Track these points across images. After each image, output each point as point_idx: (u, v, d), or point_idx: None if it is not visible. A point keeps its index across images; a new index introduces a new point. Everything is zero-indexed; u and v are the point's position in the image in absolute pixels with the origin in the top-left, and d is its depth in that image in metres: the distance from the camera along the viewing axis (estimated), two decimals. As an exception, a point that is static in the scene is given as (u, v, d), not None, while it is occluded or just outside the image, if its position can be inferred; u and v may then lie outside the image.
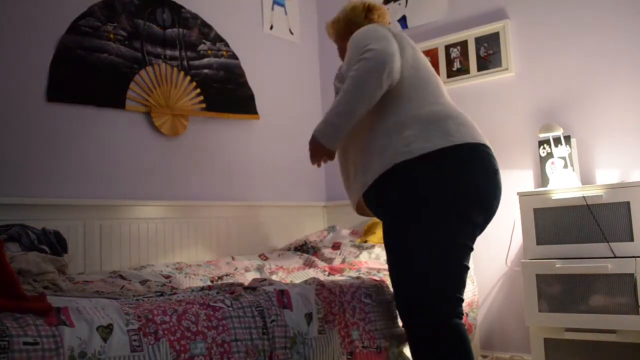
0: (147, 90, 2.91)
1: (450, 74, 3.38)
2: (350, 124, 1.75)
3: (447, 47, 3.39)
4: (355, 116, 1.73)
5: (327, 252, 3.10)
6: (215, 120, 3.21)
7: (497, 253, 3.15)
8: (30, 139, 2.51)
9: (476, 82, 3.29)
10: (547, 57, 3.07)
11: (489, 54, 3.24)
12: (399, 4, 3.61)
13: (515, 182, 3.13)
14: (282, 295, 1.71)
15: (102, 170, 2.73)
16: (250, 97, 3.36)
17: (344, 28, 2.10)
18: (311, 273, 2.60)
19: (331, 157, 1.85)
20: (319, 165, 1.92)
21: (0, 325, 1.17)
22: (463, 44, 3.33)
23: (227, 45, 3.30)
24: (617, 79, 2.87)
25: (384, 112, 1.78)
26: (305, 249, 3.19)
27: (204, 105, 3.14)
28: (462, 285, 1.78)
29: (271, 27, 3.63)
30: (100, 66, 2.74)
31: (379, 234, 3.14)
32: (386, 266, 2.26)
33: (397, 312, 1.87)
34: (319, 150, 1.80)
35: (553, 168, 2.86)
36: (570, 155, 2.84)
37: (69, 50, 2.64)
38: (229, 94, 3.27)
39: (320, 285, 1.91)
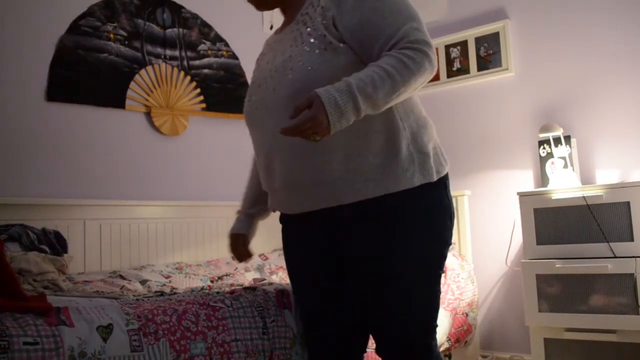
0: (147, 90, 2.91)
1: (450, 74, 3.38)
2: (379, 110, 1.28)
3: (447, 47, 3.39)
4: (390, 104, 1.29)
5: (327, 252, 3.09)
6: (215, 120, 3.21)
7: (497, 253, 3.15)
8: (30, 139, 2.51)
9: (476, 82, 3.29)
10: (547, 57, 3.07)
11: (489, 54, 3.24)
12: (399, 4, 3.61)
13: (515, 182, 3.13)
14: (282, 295, 1.71)
15: (102, 170, 2.73)
16: (250, 97, 3.36)
17: None
18: (311, 273, 2.60)
19: (322, 138, 1.22)
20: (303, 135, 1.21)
21: (0, 325, 1.17)
22: (463, 44, 3.33)
23: (227, 45, 3.30)
24: (617, 79, 2.87)
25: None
26: (305, 249, 3.19)
27: (204, 105, 3.14)
28: None
29: (271, 27, 3.63)
30: (100, 66, 2.74)
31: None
32: None
33: (389, 340, 1.48)
34: (321, 126, 1.18)
35: (553, 168, 2.86)
36: (570, 155, 2.84)
37: (69, 50, 2.64)
38: (229, 94, 3.27)
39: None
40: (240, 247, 1.77)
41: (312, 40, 1.35)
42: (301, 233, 1.56)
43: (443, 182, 1.46)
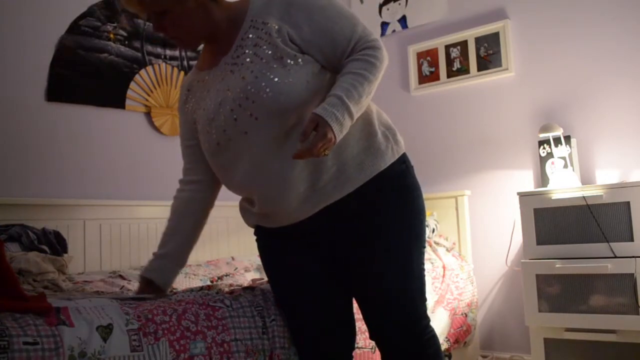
0: (147, 90, 2.92)
1: (450, 74, 3.37)
2: (364, 109, 1.43)
3: (447, 47, 3.39)
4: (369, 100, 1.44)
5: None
6: (215, 120, 3.21)
7: (497, 253, 3.15)
8: (30, 139, 2.51)
9: (476, 82, 3.29)
10: (547, 57, 3.07)
11: (489, 54, 3.24)
12: (399, 4, 3.61)
13: (515, 182, 3.13)
14: (282, 295, 1.71)
15: (102, 170, 2.73)
16: (250, 97, 3.36)
17: None
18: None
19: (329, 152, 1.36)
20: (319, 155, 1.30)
21: (0, 325, 1.17)
22: (463, 44, 3.33)
23: (227, 45, 3.30)
24: (617, 79, 2.87)
25: None
26: (305, 249, 3.19)
27: (204, 105, 3.14)
28: None
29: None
30: (100, 66, 2.74)
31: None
32: None
33: (395, 328, 1.52)
34: (331, 142, 1.30)
35: (553, 168, 2.86)
36: (570, 155, 2.85)
37: (69, 50, 2.64)
38: (229, 94, 3.27)
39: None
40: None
41: (276, 58, 1.41)
42: (291, 241, 1.58)
43: (403, 157, 1.56)
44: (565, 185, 2.70)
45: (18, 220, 2.26)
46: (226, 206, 3.18)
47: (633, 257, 2.40)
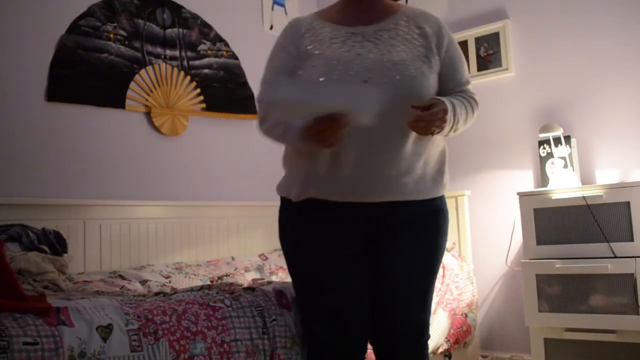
0: (147, 90, 2.92)
1: (450, 74, 3.37)
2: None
3: (447, 47, 3.38)
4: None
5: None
6: (215, 120, 3.21)
7: (497, 253, 3.15)
8: (30, 139, 2.51)
9: (476, 82, 3.28)
10: (547, 57, 3.07)
11: (489, 54, 3.24)
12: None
13: (515, 182, 3.13)
14: (281, 296, 1.71)
15: (102, 170, 2.73)
16: (250, 97, 3.36)
17: None
18: (311, 273, 2.59)
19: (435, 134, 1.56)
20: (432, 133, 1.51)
21: (0, 326, 1.17)
22: (463, 44, 3.32)
23: (227, 45, 3.30)
24: (617, 79, 2.87)
25: None
26: (305, 249, 3.18)
27: (204, 105, 3.14)
28: None
29: (271, 27, 3.63)
30: (100, 66, 2.74)
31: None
32: None
33: (416, 336, 1.63)
34: (443, 122, 1.50)
35: (553, 168, 2.86)
36: (570, 155, 2.84)
37: (69, 50, 2.64)
38: (229, 94, 3.27)
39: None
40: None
41: (426, 56, 1.59)
42: (339, 230, 1.58)
43: (444, 196, 1.72)
44: (565, 185, 2.70)
45: (18, 220, 2.26)
46: (226, 206, 3.19)
47: (633, 257, 2.40)
